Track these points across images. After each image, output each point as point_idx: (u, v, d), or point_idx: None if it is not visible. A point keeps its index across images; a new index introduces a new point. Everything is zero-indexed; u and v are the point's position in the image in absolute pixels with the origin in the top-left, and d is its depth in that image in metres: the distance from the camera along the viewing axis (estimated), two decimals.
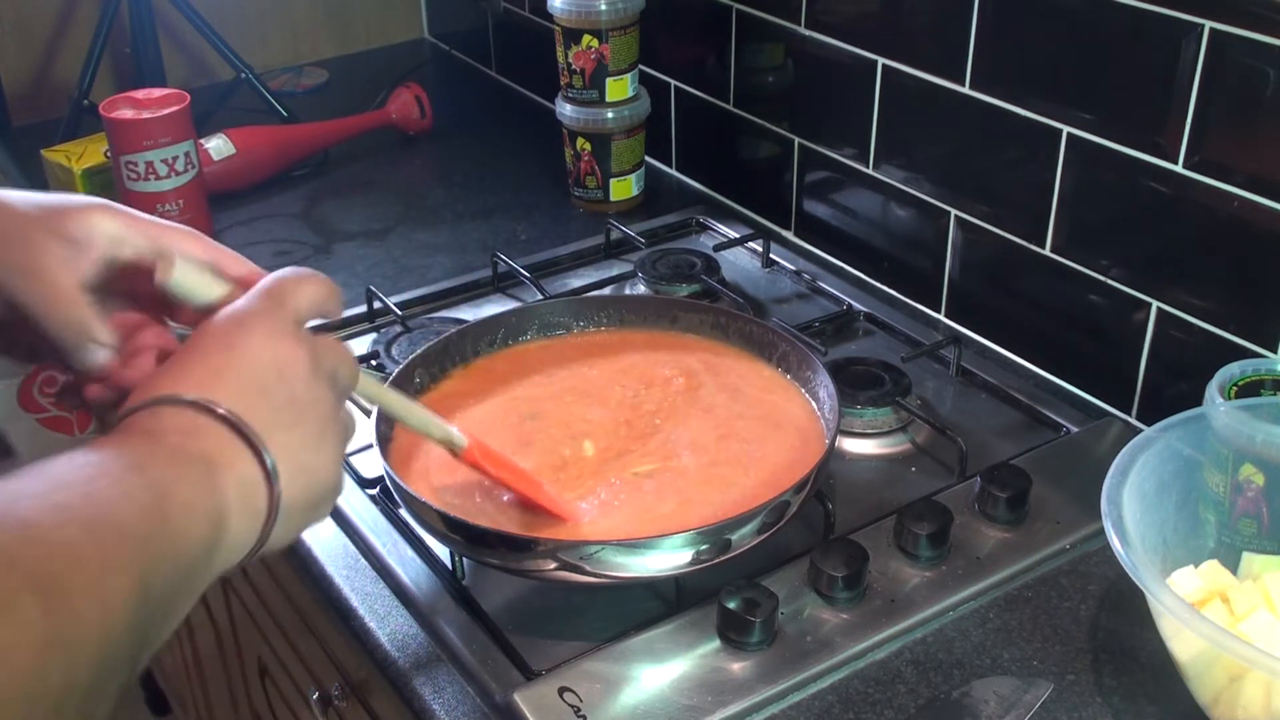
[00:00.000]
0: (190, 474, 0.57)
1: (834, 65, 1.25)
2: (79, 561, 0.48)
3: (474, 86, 1.87)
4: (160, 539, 0.53)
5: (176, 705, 1.87)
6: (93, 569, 0.48)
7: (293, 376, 0.62)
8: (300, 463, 0.62)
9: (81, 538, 0.49)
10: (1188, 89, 0.94)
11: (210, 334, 0.63)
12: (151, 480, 0.55)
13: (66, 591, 0.47)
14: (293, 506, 0.62)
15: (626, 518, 0.86)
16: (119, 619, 0.49)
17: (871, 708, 0.80)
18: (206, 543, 0.57)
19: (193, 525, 0.56)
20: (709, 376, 1.01)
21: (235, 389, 0.60)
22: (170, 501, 0.54)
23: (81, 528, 0.49)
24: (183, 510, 0.55)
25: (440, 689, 0.83)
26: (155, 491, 0.54)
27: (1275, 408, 0.82)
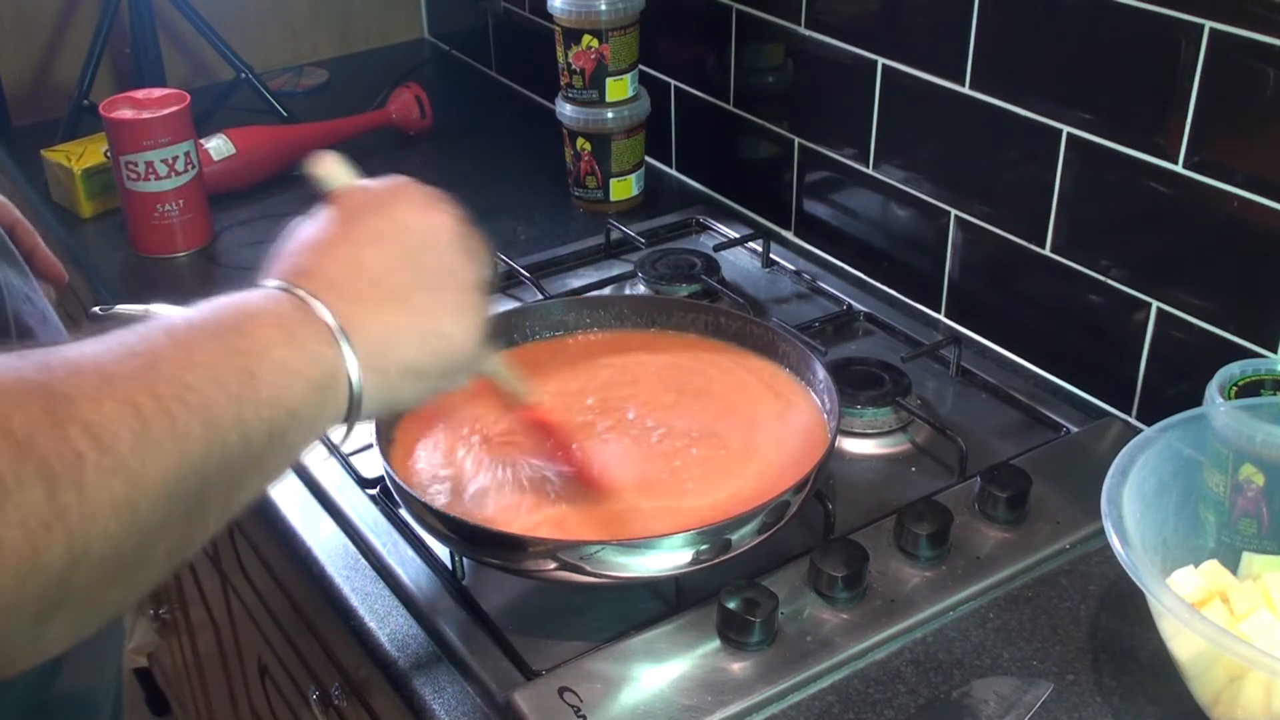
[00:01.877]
0: (301, 334, 0.57)
1: (834, 65, 1.25)
2: (106, 443, 0.47)
3: (474, 86, 1.87)
4: (230, 406, 0.52)
5: (176, 705, 1.87)
6: (121, 449, 0.48)
7: (441, 243, 0.65)
8: (438, 328, 0.63)
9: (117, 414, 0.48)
10: (1188, 89, 0.94)
11: (363, 198, 0.66)
12: (245, 344, 0.55)
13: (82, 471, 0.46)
14: (424, 371, 0.63)
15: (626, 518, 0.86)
16: (151, 495, 0.49)
17: (871, 708, 0.80)
18: (298, 406, 0.56)
19: (283, 387, 0.55)
20: (709, 377, 1.01)
21: (377, 261, 0.62)
22: (262, 363, 0.54)
23: (121, 403, 0.48)
24: (275, 371, 0.55)
25: (440, 689, 0.83)
26: (243, 355, 0.54)
27: (1275, 408, 0.82)
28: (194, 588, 1.43)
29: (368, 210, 0.65)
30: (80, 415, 0.47)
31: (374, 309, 0.60)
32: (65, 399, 0.47)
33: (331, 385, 0.58)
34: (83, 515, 0.46)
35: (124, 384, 0.49)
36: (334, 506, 0.99)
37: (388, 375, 0.61)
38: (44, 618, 0.46)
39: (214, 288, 1.35)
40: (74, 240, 1.45)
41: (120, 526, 0.47)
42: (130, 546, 0.48)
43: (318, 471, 1.02)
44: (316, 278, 0.60)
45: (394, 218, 0.64)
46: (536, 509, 0.87)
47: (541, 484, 0.89)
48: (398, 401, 0.63)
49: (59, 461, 0.45)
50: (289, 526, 0.98)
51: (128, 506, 0.47)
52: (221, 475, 0.52)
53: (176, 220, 1.38)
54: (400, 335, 0.61)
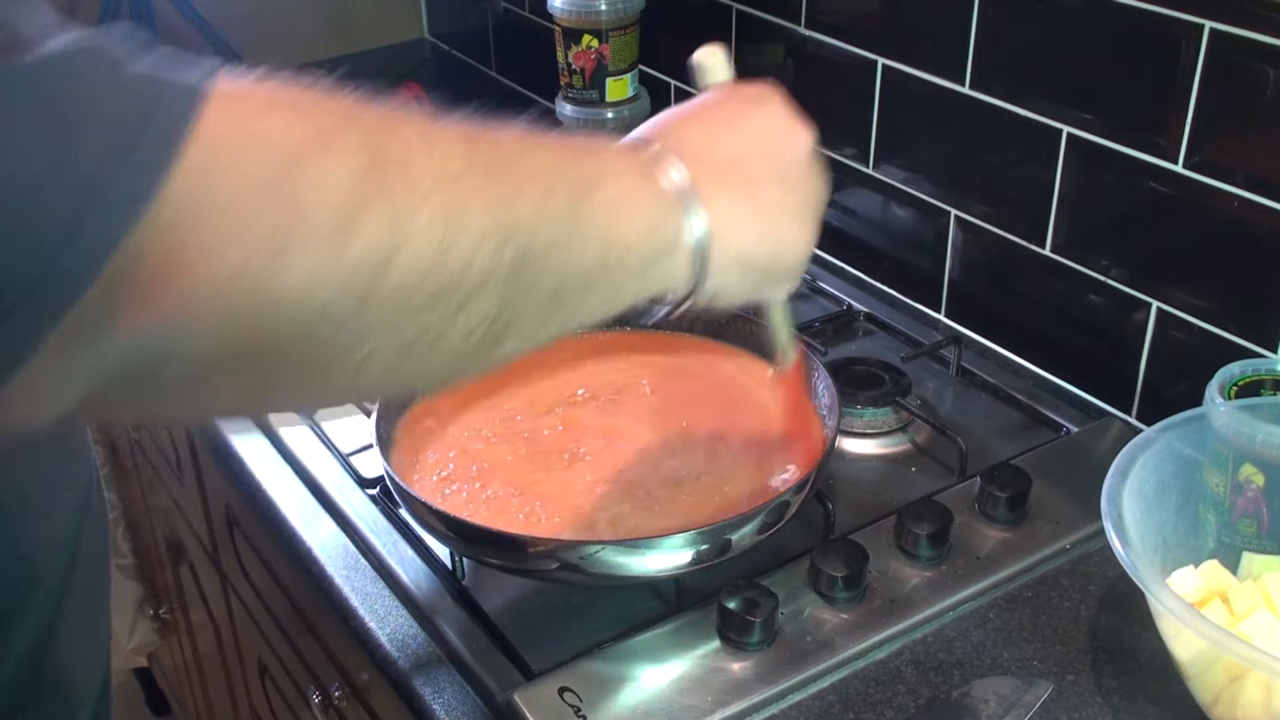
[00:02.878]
0: (650, 184, 0.57)
1: (834, 65, 1.25)
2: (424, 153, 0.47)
3: (474, 86, 1.87)
4: (568, 204, 0.52)
5: (176, 705, 1.87)
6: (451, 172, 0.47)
7: (796, 153, 0.66)
8: (780, 227, 0.64)
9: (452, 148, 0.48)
10: (1188, 89, 0.94)
11: (734, 94, 0.68)
12: (597, 166, 0.55)
13: (409, 165, 0.46)
14: (755, 263, 0.63)
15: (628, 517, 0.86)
16: (467, 231, 0.47)
17: (871, 708, 0.80)
18: (634, 248, 0.56)
19: (624, 224, 0.55)
20: (708, 377, 1.01)
21: (737, 143, 0.63)
22: (605, 186, 0.55)
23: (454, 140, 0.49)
24: (614, 201, 0.55)
25: (440, 689, 0.83)
26: (593, 170, 0.55)
27: (1275, 408, 0.82)
28: (194, 588, 1.43)
29: (742, 99, 0.67)
30: (410, 129, 0.47)
31: (727, 187, 0.61)
32: (395, 119, 0.48)
33: (671, 241, 0.58)
34: (408, 203, 0.45)
35: (459, 138, 0.50)
36: (334, 506, 0.99)
37: (725, 256, 0.60)
38: (356, 316, 0.45)
39: None
40: None
41: (441, 239, 0.46)
42: (446, 272, 0.47)
43: (318, 471, 1.02)
44: (680, 143, 0.60)
45: (765, 112, 0.66)
46: (534, 509, 0.87)
47: (539, 485, 0.89)
48: (724, 288, 0.62)
49: (388, 147, 0.46)
50: (289, 526, 0.98)
51: (452, 222, 0.46)
52: (549, 262, 0.51)
53: None
54: (744, 221, 0.61)
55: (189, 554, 1.43)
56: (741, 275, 0.62)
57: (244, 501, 1.06)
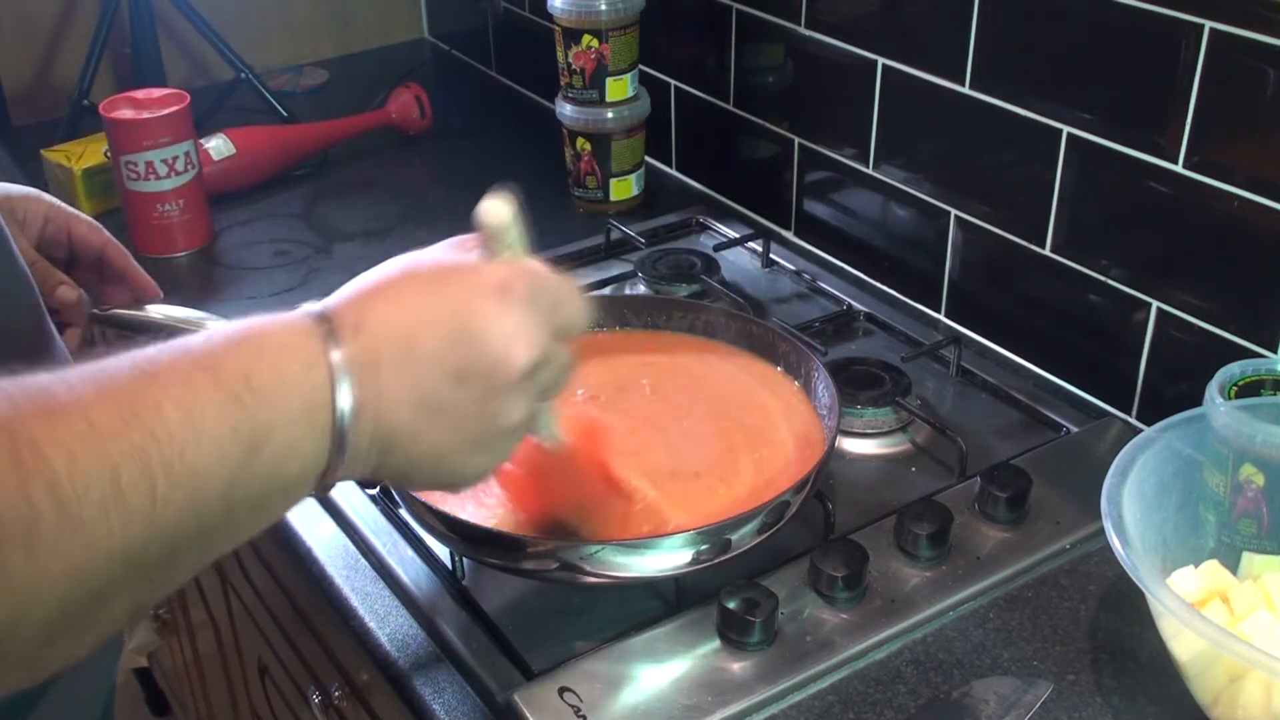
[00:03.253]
0: (312, 428, 0.52)
1: (834, 65, 1.25)
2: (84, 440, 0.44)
3: (474, 86, 1.87)
4: (234, 478, 0.49)
5: (176, 705, 1.87)
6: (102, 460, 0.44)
7: (499, 383, 0.57)
8: (446, 453, 0.57)
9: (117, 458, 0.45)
10: (1188, 89, 0.94)
11: (475, 280, 0.58)
12: (265, 416, 0.50)
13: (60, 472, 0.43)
14: (415, 479, 0.59)
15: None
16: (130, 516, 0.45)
17: (871, 708, 0.80)
18: (295, 483, 0.53)
19: (284, 465, 0.51)
20: (708, 377, 1.01)
21: (429, 353, 0.55)
22: (271, 440, 0.50)
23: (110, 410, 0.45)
24: (279, 453, 0.51)
25: (440, 689, 0.83)
26: (257, 427, 0.50)
27: (1275, 408, 0.82)
28: (194, 588, 1.43)
29: (464, 297, 0.57)
30: (48, 470, 0.43)
31: (401, 408, 0.55)
32: (34, 447, 0.43)
33: (318, 466, 0.54)
34: (28, 577, 0.43)
35: (107, 440, 0.45)
36: (334, 506, 0.99)
37: (379, 472, 0.56)
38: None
39: (214, 288, 1.35)
40: None
41: (70, 589, 0.44)
42: (81, 607, 0.45)
43: None
44: (367, 342, 0.54)
45: (477, 326, 0.57)
46: (535, 509, 0.87)
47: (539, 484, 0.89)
48: (376, 476, 0.58)
49: (12, 517, 0.42)
50: (289, 526, 0.98)
51: (80, 570, 0.44)
52: (197, 541, 0.49)
53: (176, 220, 1.38)
54: (409, 441, 0.56)
55: None
56: (400, 480, 0.59)
57: None
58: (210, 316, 0.92)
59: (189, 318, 0.92)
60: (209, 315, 0.92)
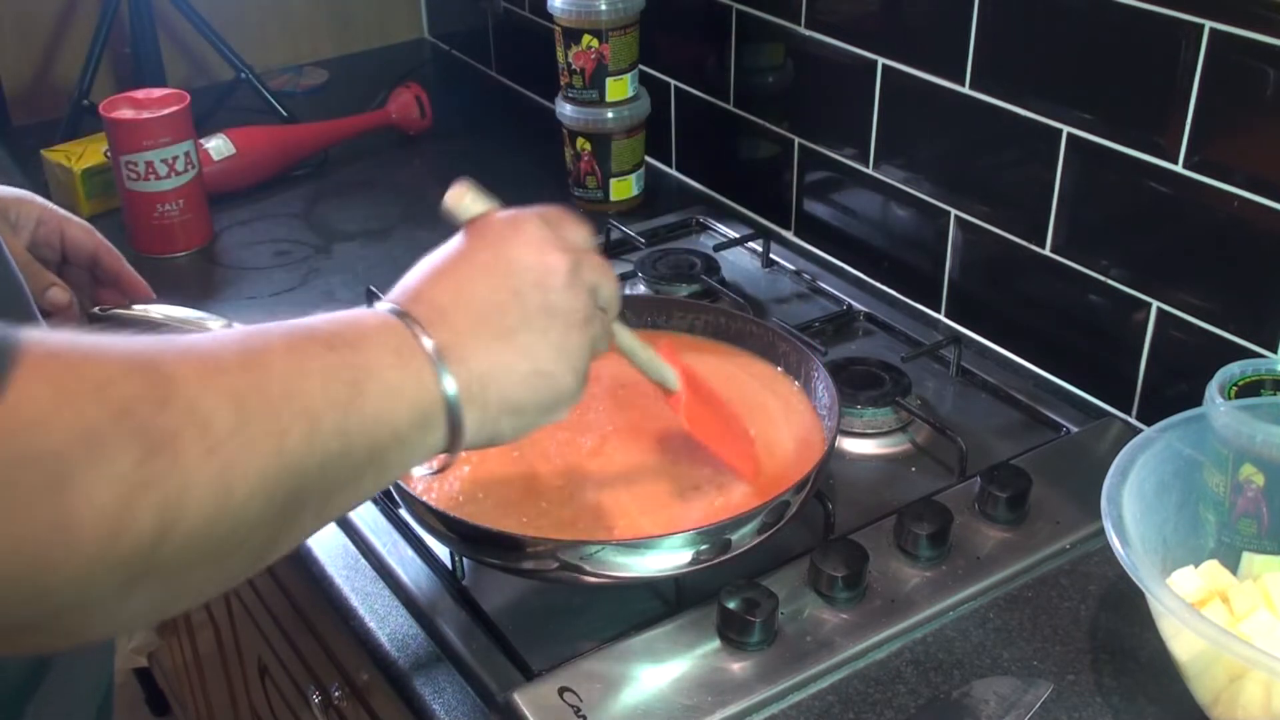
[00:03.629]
0: (408, 357, 0.59)
1: (834, 65, 1.25)
2: (205, 425, 0.48)
3: (474, 86, 1.87)
4: (335, 413, 0.54)
5: (176, 705, 1.87)
6: (218, 434, 0.49)
7: (550, 285, 0.65)
8: (540, 367, 0.64)
9: (216, 404, 0.49)
10: (1188, 89, 0.94)
11: (486, 231, 0.67)
12: (357, 359, 0.56)
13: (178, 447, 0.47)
14: (524, 406, 0.64)
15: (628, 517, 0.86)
16: (247, 486, 0.50)
17: (871, 708, 0.80)
18: (404, 425, 0.58)
19: (387, 406, 0.57)
20: (709, 377, 1.01)
21: (484, 291, 0.63)
22: (370, 379, 0.56)
23: (225, 392, 0.50)
24: (381, 389, 0.56)
25: (440, 689, 0.83)
26: (355, 368, 0.56)
27: (1275, 408, 0.82)
28: None
29: (486, 244, 0.66)
30: (183, 395, 0.48)
31: (479, 343, 0.62)
32: (169, 379, 0.48)
33: (434, 413, 0.59)
34: (178, 486, 0.47)
35: (233, 375, 0.51)
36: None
37: (488, 409, 0.62)
38: (130, 585, 0.47)
39: (214, 288, 1.35)
40: None
41: (214, 507, 0.48)
42: (222, 530, 0.49)
43: None
44: (428, 305, 0.62)
45: (508, 254, 0.65)
46: (534, 509, 0.87)
47: (540, 483, 0.89)
48: (498, 435, 0.64)
49: (157, 432, 0.46)
50: None
51: (223, 489, 0.48)
52: (319, 482, 0.53)
53: (176, 220, 1.38)
54: (502, 371, 0.63)
55: None
56: (515, 419, 0.64)
57: None
58: (210, 316, 0.92)
59: (189, 318, 0.92)
60: (209, 315, 0.92)
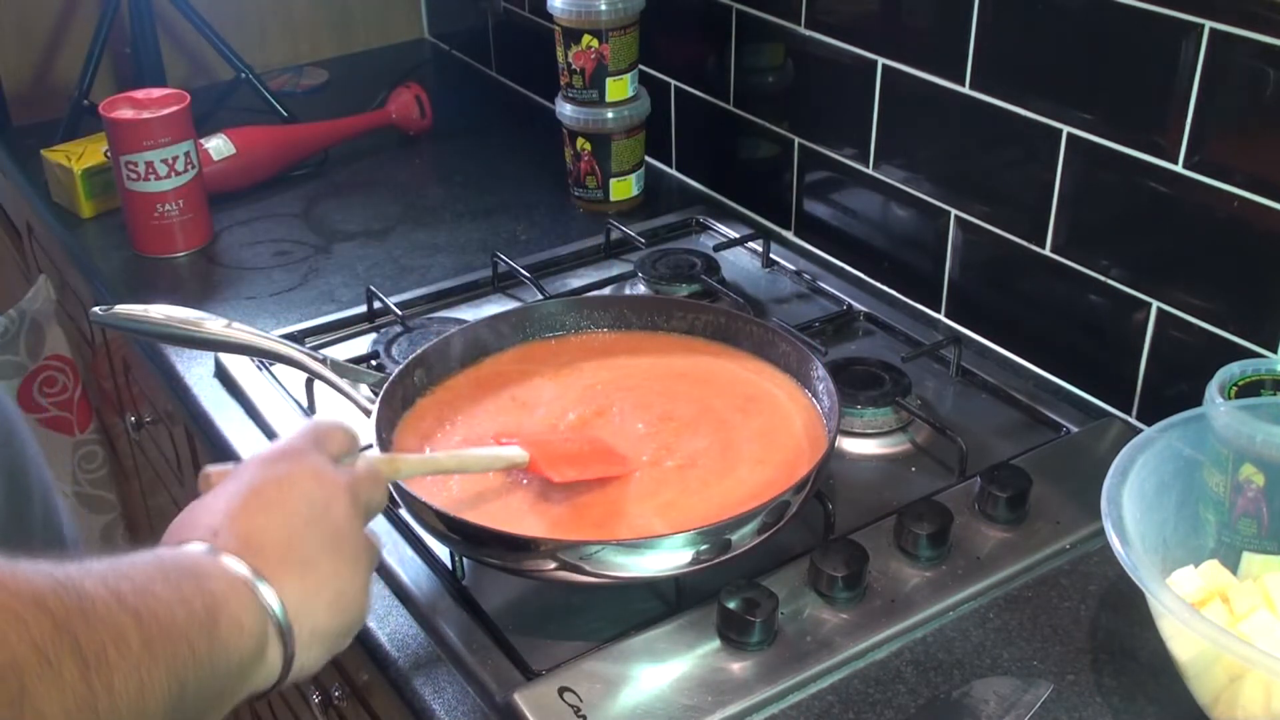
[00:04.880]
0: (240, 594, 0.62)
1: (834, 65, 1.25)
2: (124, 644, 0.52)
3: (474, 86, 1.87)
4: (204, 645, 0.57)
5: None
6: (134, 654, 0.52)
7: (335, 513, 0.69)
8: (340, 590, 0.68)
9: (129, 625, 0.53)
10: (1188, 89, 0.94)
11: (269, 463, 0.70)
12: (206, 590, 0.59)
13: (108, 666, 0.50)
14: (329, 632, 0.67)
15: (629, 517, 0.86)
16: (153, 708, 0.53)
17: (871, 708, 0.80)
18: (246, 659, 0.61)
19: (236, 639, 0.60)
20: (709, 377, 1.01)
21: (281, 525, 0.66)
22: (221, 613, 0.59)
23: (131, 617, 0.53)
24: (230, 624, 0.60)
25: (440, 689, 0.83)
26: (208, 601, 0.59)
27: (1275, 408, 0.82)
28: None
29: (272, 478, 0.68)
30: (100, 612, 0.51)
31: (289, 575, 0.65)
32: (89, 596, 0.52)
33: (268, 646, 0.63)
34: (109, 709, 0.50)
35: (129, 598, 0.54)
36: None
37: (302, 638, 0.65)
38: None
39: (214, 288, 1.35)
40: (74, 240, 1.45)
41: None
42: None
43: None
44: (240, 541, 0.64)
45: (293, 487, 0.68)
46: (534, 508, 0.87)
47: (539, 484, 0.89)
48: (304, 668, 0.67)
49: (90, 647, 0.49)
50: None
51: (139, 712, 0.52)
52: (195, 707, 0.57)
53: (176, 220, 1.38)
54: (312, 600, 0.66)
55: None
56: (320, 646, 0.67)
57: None
58: (210, 317, 0.92)
59: (189, 318, 0.92)
60: (208, 315, 0.92)
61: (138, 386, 1.44)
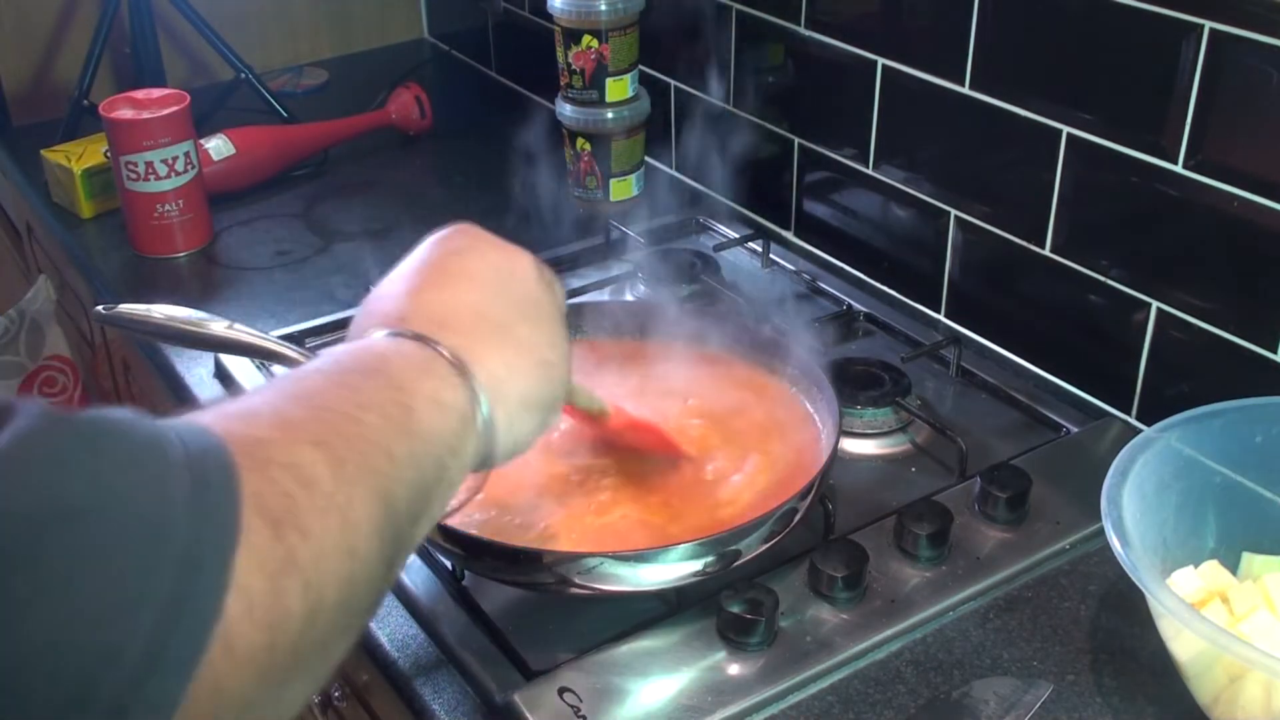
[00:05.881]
0: (435, 372, 0.57)
1: (834, 65, 1.25)
2: (310, 482, 0.47)
3: (474, 86, 1.87)
4: (404, 446, 0.53)
5: None
6: (325, 487, 0.47)
7: (524, 278, 0.65)
8: (543, 357, 0.64)
9: (312, 457, 0.48)
10: (1188, 89, 0.94)
11: (441, 246, 0.66)
12: (394, 383, 0.55)
13: (298, 512, 0.46)
14: (539, 400, 0.63)
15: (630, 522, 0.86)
16: (362, 534, 0.48)
17: (871, 708, 0.80)
18: (453, 439, 0.57)
19: (439, 421, 0.56)
20: (709, 379, 1.00)
21: (468, 295, 0.62)
22: (416, 400, 0.55)
23: (311, 443, 0.48)
24: (428, 407, 0.55)
25: (440, 690, 0.83)
26: (397, 396, 0.54)
27: None
28: None
29: (448, 255, 0.65)
30: (278, 457, 0.47)
31: (485, 344, 0.60)
32: (258, 442, 0.47)
33: (472, 418, 0.58)
34: (314, 557, 0.45)
35: (307, 426, 0.49)
36: None
37: (509, 408, 0.61)
38: (287, 678, 0.45)
39: (214, 288, 1.35)
40: (74, 240, 1.45)
41: (348, 566, 0.47)
42: (355, 590, 0.48)
43: None
44: (425, 320, 0.60)
45: (475, 260, 0.65)
46: (535, 522, 0.87)
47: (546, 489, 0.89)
48: (521, 437, 0.63)
49: (274, 502, 0.45)
50: None
51: (347, 547, 0.47)
52: (406, 515, 0.52)
53: (176, 220, 1.38)
54: (514, 367, 0.62)
55: None
56: (531, 416, 0.63)
57: None
58: (211, 317, 0.92)
59: (190, 318, 0.92)
60: (210, 316, 0.92)
61: (138, 387, 1.44)
